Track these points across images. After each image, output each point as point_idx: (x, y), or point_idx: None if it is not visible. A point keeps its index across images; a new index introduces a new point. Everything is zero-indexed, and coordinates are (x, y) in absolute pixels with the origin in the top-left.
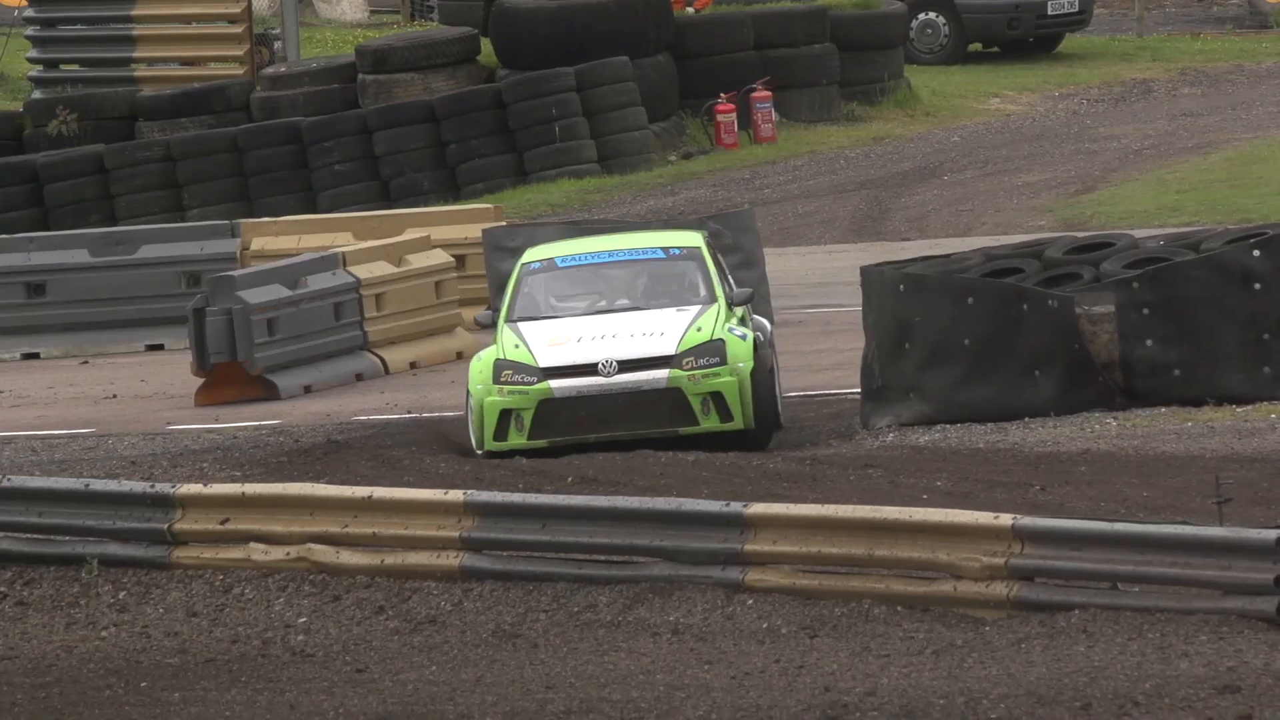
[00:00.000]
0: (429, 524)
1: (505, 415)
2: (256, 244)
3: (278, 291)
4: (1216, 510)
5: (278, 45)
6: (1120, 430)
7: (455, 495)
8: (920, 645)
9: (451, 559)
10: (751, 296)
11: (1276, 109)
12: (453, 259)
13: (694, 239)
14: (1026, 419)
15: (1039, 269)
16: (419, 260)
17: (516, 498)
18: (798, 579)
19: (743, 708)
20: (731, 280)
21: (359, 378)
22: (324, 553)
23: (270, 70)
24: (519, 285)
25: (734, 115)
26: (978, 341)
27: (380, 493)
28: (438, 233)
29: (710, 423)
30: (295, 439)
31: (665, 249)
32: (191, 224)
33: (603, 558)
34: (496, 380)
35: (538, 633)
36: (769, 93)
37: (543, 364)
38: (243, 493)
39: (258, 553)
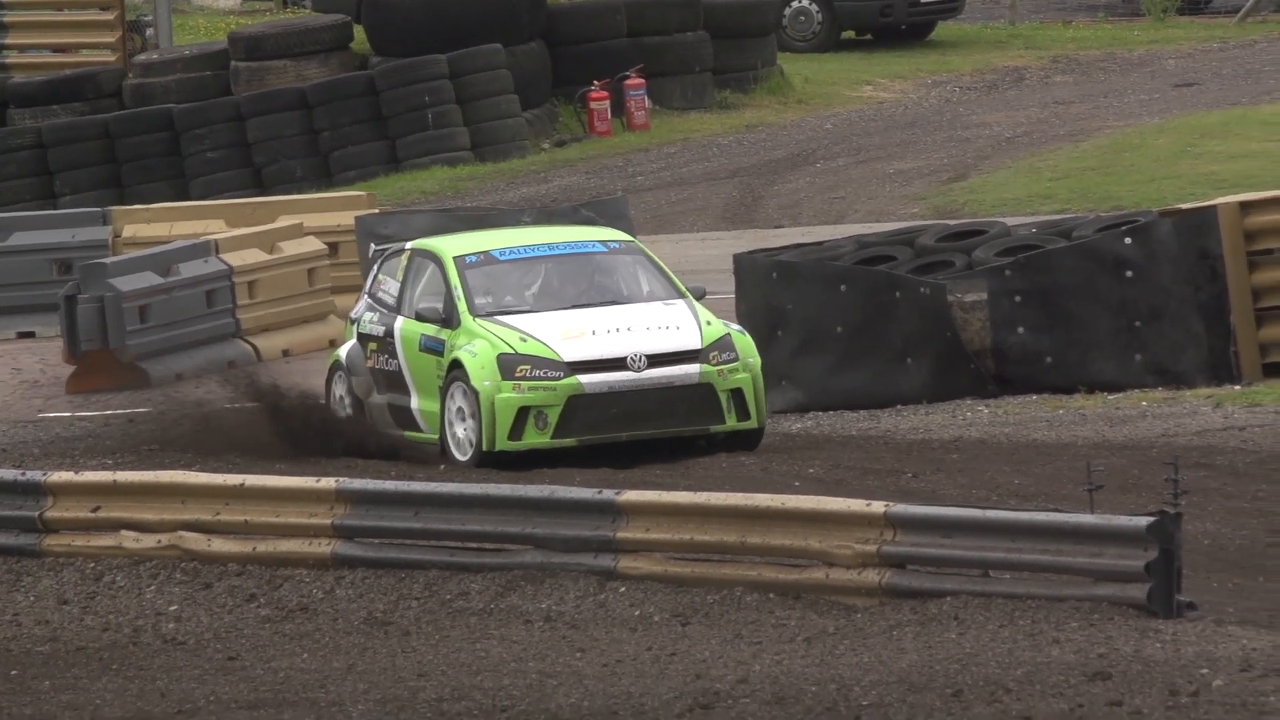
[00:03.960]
0: (301, 511)
1: (523, 413)
2: (128, 231)
3: (150, 279)
4: (1088, 497)
5: (150, 32)
6: (992, 417)
7: (327, 483)
8: (792, 633)
9: (323, 546)
10: (704, 292)
11: (1148, 97)
12: (325, 246)
13: (619, 234)
14: (899, 406)
15: (911, 256)
16: (292, 248)
17: (389, 485)
18: (670, 566)
19: (614, 695)
20: None
21: (231, 365)
22: (195, 540)
23: (143, 57)
24: (462, 278)
25: (607, 103)
26: (850, 329)
27: (252, 480)
28: (310, 220)
29: (731, 421)
30: (166, 427)
31: (602, 242)
32: (63, 211)
33: (475, 545)
34: (509, 376)
35: (410, 620)
36: (642, 80)
37: (567, 358)
38: (114, 480)
39: (129, 540)
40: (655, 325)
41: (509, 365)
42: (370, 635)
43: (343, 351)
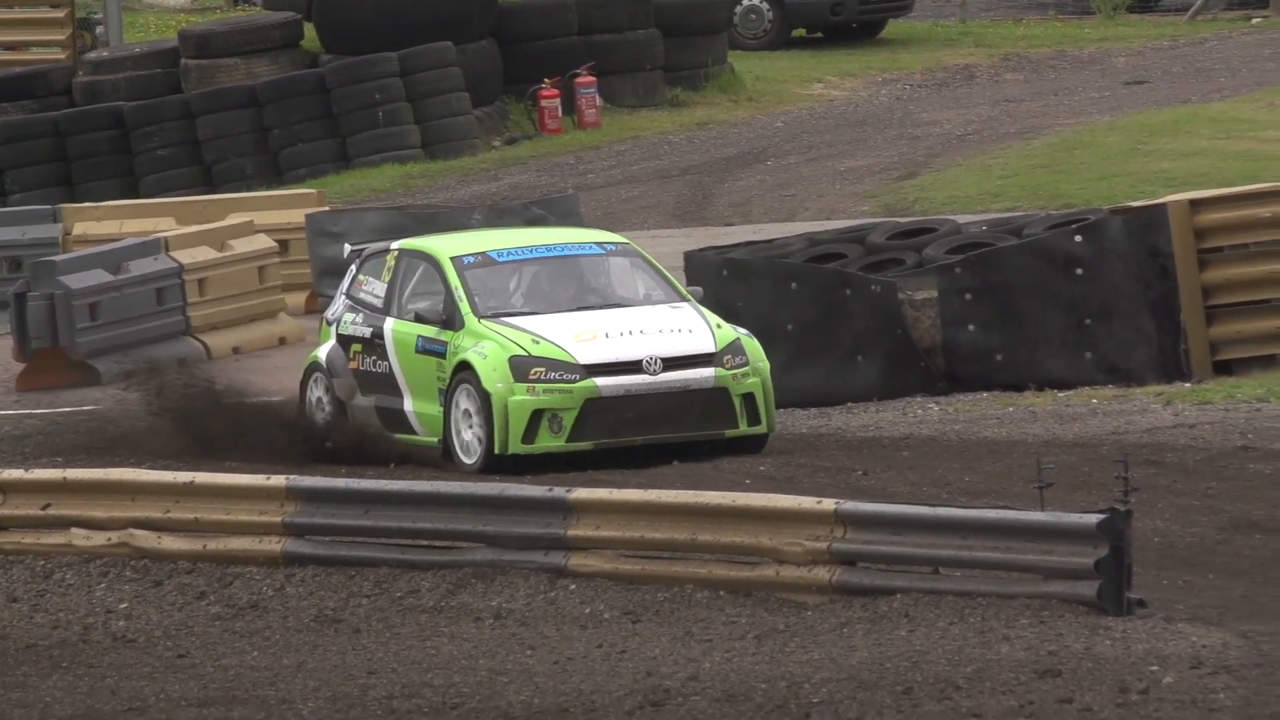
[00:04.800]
0: (251, 509)
1: (537, 416)
2: (79, 229)
3: (100, 276)
4: (1038, 495)
5: (100, 30)
6: (942, 415)
7: (278, 480)
8: (742, 630)
9: (274, 544)
10: (702, 294)
11: (1098, 95)
12: (276, 244)
13: (614, 235)
14: (849, 403)
15: (862, 254)
16: (242, 245)
17: (339, 483)
18: (620, 564)
19: (565, 692)
20: None
21: (181, 363)
22: (146, 538)
23: (93, 55)
24: (463, 279)
25: (558, 100)
26: (801, 326)
27: (202, 478)
28: (261, 218)
29: (743, 425)
30: (116, 424)
31: (599, 244)
32: (13, 209)
33: (426, 543)
34: (522, 378)
35: (360, 618)
36: (593, 78)
37: (583, 360)
38: (64, 478)
39: (79, 538)
40: (667, 328)
41: (522, 367)
42: (320, 633)
43: (321, 353)
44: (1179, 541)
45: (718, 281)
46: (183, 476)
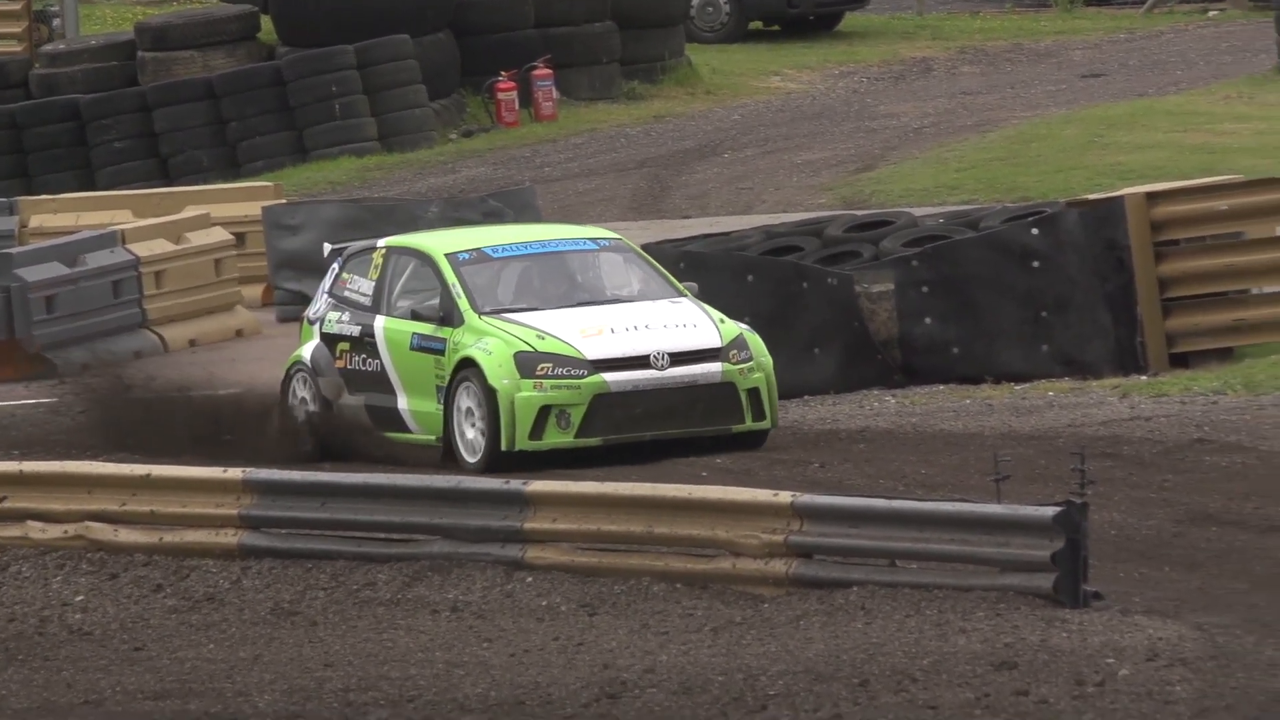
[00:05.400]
0: (207, 502)
1: (544, 412)
2: (35, 221)
3: (56, 269)
4: (994, 487)
5: (56, 22)
6: (899, 408)
7: (234, 473)
8: (699, 622)
9: (230, 537)
10: (698, 290)
11: (1055, 87)
12: (232, 237)
13: (606, 231)
14: (806, 396)
15: (819, 247)
16: (198, 238)
17: (296, 475)
18: (577, 556)
19: (521, 685)
20: None
21: (138, 355)
22: (102, 531)
23: (49, 47)
24: (460, 275)
25: (515, 93)
26: (758, 319)
27: (159, 470)
28: (217, 210)
29: (749, 420)
30: (73, 417)
31: (592, 239)
32: None
33: (382, 535)
34: (528, 374)
35: (316, 610)
36: (550, 71)
37: (591, 356)
38: (20, 470)
39: (35, 531)
40: (672, 323)
41: (528, 363)
42: (277, 625)
43: (305, 352)
44: (1135, 534)
45: (674, 274)
46: (139, 469)
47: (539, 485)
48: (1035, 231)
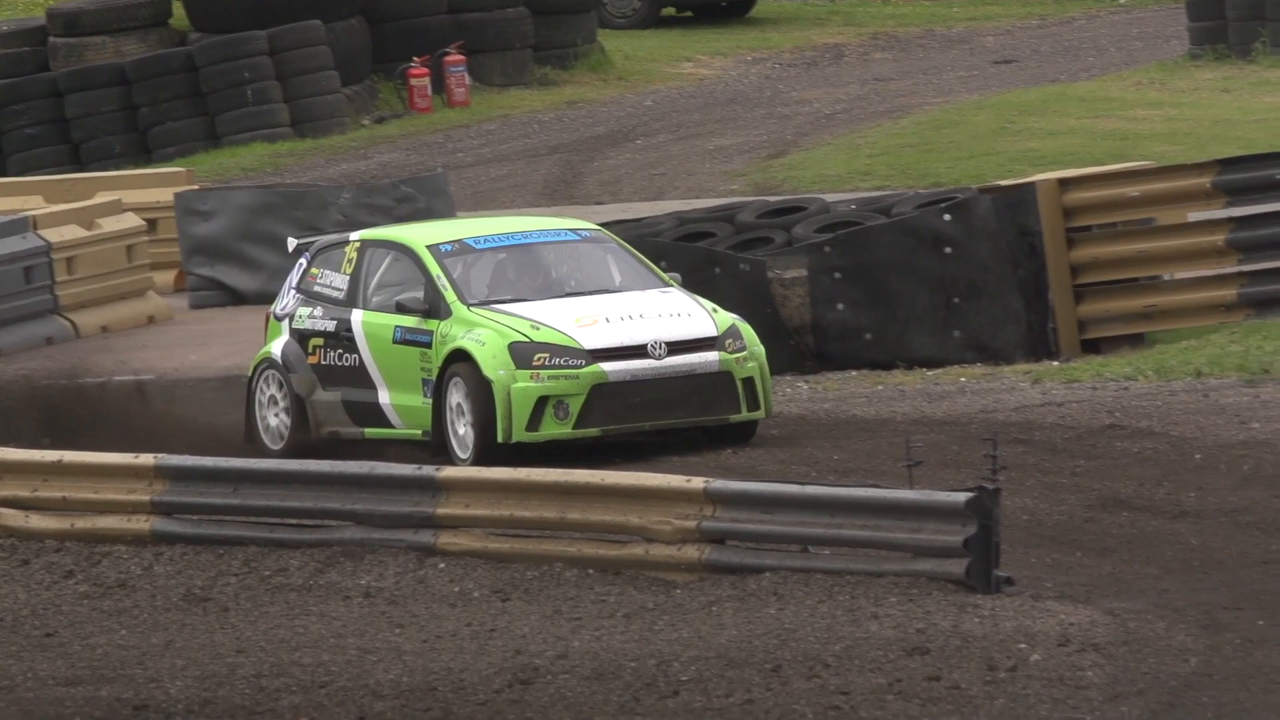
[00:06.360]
0: (120, 488)
1: (541, 403)
2: None
3: None
4: (907, 473)
5: None
6: (812, 393)
7: (146, 459)
8: (612, 608)
9: (142, 523)
10: (681, 279)
11: (967, 74)
12: (144, 223)
13: (586, 222)
14: None
15: (731, 233)
16: (110, 224)
17: (208, 461)
18: (490, 542)
19: (434, 671)
20: None
21: (49, 341)
22: (13, 517)
23: None
24: (444, 267)
25: (427, 79)
26: None
27: (70, 456)
28: (129, 196)
29: (744, 410)
30: None
31: (573, 230)
32: None
33: (294, 521)
34: (524, 365)
35: (228, 597)
36: (462, 56)
37: (588, 345)
38: None
39: None
40: (666, 313)
41: (524, 354)
42: (189, 612)
43: (275, 349)
44: (1047, 519)
45: None
46: (50, 455)
47: (451, 471)
48: (947, 218)
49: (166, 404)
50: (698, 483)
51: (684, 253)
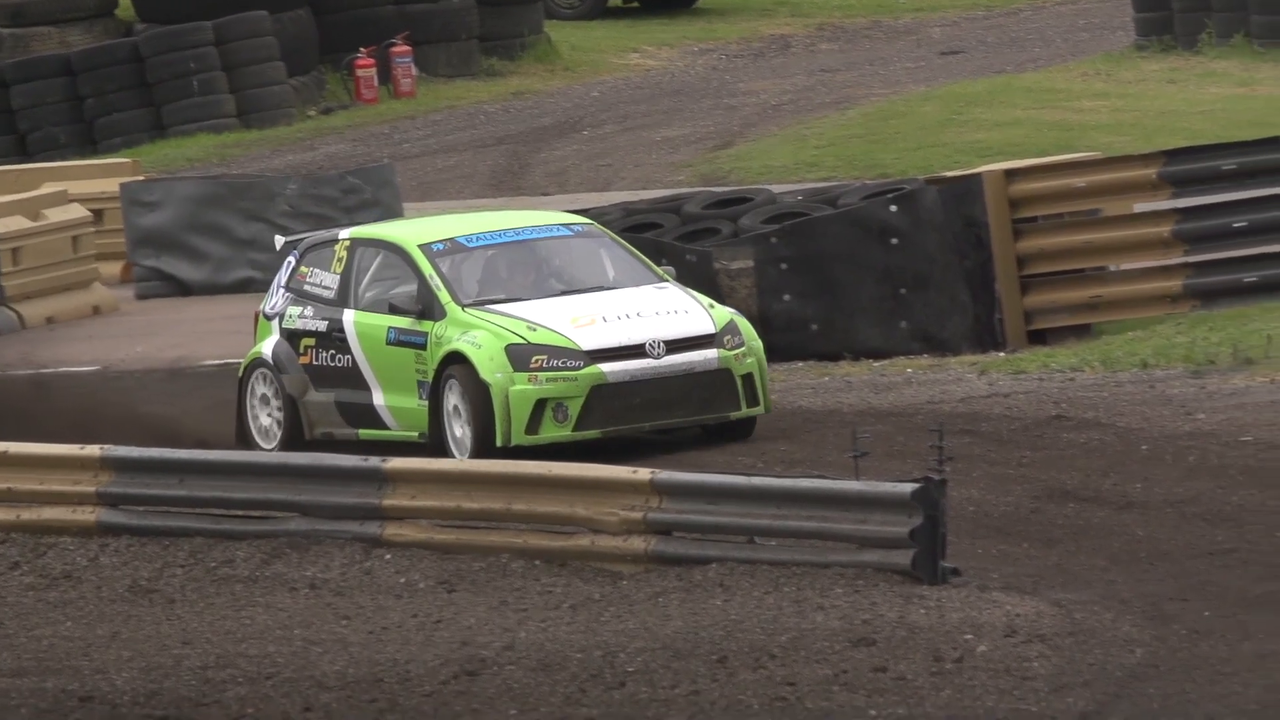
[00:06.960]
0: (65, 479)
1: (540, 405)
2: None
3: None
4: (853, 464)
5: None
6: None
7: (92, 450)
8: (558, 599)
9: (88, 514)
10: (675, 274)
11: (914, 65)
12: (90, 214)
13: (578, 217)
14: None
15: (678, 224)
16: (56, 215)
17: (153, 452)
18: (436, 534)
19: (380, 662)
20: None
21: None
22: None
23: None
24: (436, 267)
25: (374, 70)
26: None
27: (15, 448)
28: (75, 187)
29: (744, 407)
30: None
31: (565, 225)
32: None
33: (240, 513)
34: (522, 367)
35: (174, 588)
36: (409, 47)
37: (586, 346)
38: None
39: None
40: (663, 310)
41: (521, 356)
42: (135, 603)
43: (265, 349)
44: (993, 510)
45: None
46: None
47: (397, 463)
48: (894, 209)
49: (113, 395)
50: (644, 474)
51: (630, 243)
